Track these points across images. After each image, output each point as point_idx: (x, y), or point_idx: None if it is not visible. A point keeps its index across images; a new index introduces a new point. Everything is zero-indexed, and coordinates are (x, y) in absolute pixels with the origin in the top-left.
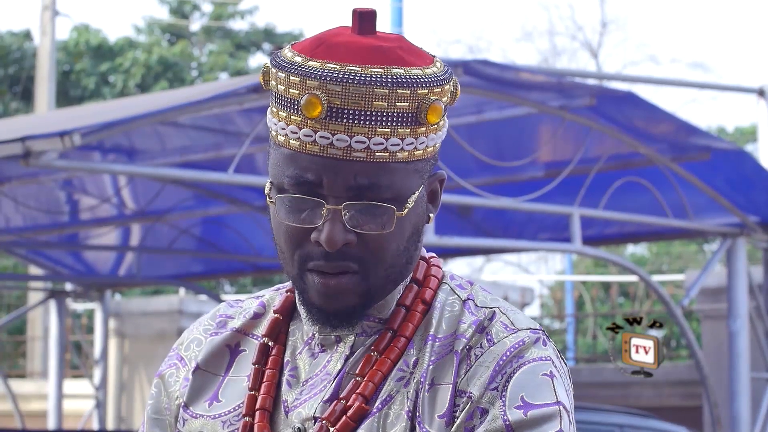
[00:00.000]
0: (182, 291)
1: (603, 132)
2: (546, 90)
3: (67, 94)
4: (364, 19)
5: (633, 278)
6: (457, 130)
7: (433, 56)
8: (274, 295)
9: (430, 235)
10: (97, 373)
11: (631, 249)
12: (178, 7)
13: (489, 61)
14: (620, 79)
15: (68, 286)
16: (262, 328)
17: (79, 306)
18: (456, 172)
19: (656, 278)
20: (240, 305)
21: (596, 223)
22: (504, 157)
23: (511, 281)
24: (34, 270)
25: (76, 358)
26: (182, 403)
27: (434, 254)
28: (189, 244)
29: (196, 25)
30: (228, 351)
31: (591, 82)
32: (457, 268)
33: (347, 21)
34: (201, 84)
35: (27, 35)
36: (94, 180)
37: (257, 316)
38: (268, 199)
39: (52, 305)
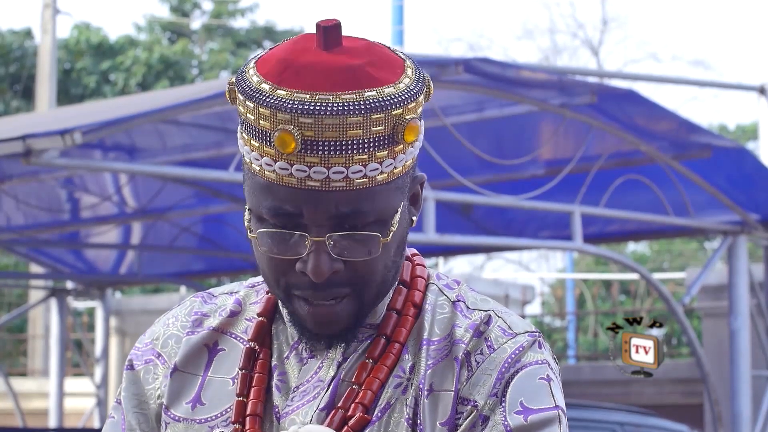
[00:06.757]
0: (183, 289)
1: (604, 130)
2: (547, 88)
3: (67, 93)
4: (329, 33)
5: (634, 276)
6: (458, 128)
7: (403, 59)
8: (249, 292)
9: (430, 233)
10: (98, 372)
11: (632, 247)
12: (178, 6)
13: (490, 59)
14: (621, 76)
15: (69, 285)
16: (241, 327)
17: (80, 304)
18: (457, 170)
19: (657, 276)
20: (214, 302)
21: (597, 221)
22: (505, 155)
23: (512, 279)
24: (35, 268)
25: (77, 356)
26: (163, 404)
27: (416, 251)
28: (190, 242)
29: (196, 23)
30: (206, 350)
31: (592, 79)
32: (458, 266)
33: (347, 22)
34: (202, 82)
35: (28, 33)
36: (95, 178)
37: (234, 314)
38: (249, 232)
39: (53, 303)
